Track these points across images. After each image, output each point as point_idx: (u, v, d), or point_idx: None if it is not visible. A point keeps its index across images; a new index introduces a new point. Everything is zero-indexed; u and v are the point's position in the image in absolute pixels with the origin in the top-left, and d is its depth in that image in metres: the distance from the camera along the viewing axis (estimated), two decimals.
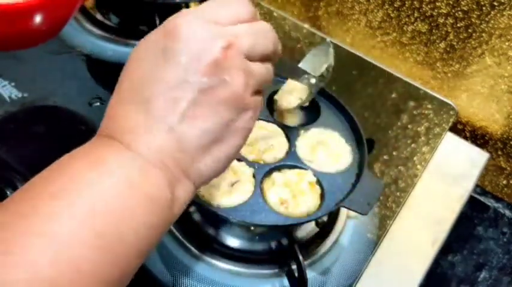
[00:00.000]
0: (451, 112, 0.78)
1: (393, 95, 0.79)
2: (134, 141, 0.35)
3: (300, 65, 0.60)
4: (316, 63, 0.59)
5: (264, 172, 0.55)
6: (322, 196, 0.55)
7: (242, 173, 0.55)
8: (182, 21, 0.36)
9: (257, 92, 0.39)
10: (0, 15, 0.51)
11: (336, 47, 0.84)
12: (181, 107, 0.35)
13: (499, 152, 0.80)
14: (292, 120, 0.62)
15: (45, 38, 0.60)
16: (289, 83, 0.62)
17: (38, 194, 0.32)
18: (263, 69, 0.39)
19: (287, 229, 0.56)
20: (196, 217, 0.60)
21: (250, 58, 0.37)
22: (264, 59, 0.39)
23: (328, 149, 0.59)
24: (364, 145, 0.59)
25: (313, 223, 0.61)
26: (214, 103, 0.35)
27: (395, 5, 0.80)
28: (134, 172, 0.34)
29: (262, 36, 0.39)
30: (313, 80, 0.57)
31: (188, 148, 0.36)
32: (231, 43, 0.36)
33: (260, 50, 0.38)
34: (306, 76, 0.56)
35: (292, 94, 0.62)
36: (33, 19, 0.53)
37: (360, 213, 0.52)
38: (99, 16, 0.82)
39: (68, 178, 0.33)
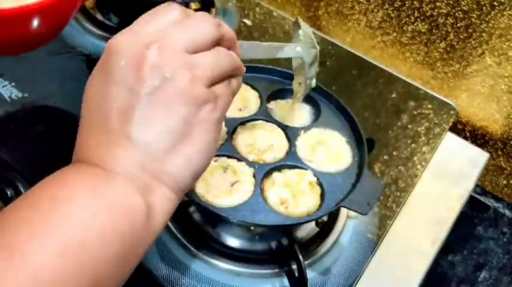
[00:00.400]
0: (451, 112, 0.78)
1: (393, 95, 0.79)
2: (97, 158, 0.36)
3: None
4: (296, 39, 0.57)
5: (264, 172, 0.55)
6: (322, 196, 0.55)
7: (242, 173, 0.55)
8: (113, 39, 0.37)
9: (219, 81, 0.39)
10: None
11: (336, 47, 0.84)
12: (134, 115, 0.35)
13: (499, 152, 0.80)
14: (293, 120, 0.62)
15: (44, 42, 0.60)
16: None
17: (4, 213, 0.33)
18: (212, 58, 0.38)
19: (287, 229, 0.56)
20: (196, 216, 0.60)
21: (194, 51, 0.37)
22: (210, 46, 0.39)
23: (328, 149, 0.59)
24: (364, 145, 0.59)
25: (313, 223, 0.61)
26: (164, 102, 0.36)
27: (395, 5, 0.80)
28: (97, 183, 0.34)
29: (196, 26, 0.38)
30: (298, 48, 0.55)
31: (152, 152, 0.36)
32: (163, 43, 0.36)
33: (199, 39, 0.38)
34: (287, 48, 0.54)
35: (298, 78, 0.61)
36: (32, 23, 0.53)
37: (360, 213, 0.52)
38: (99, 16, 0.82)
39: (34, 196, 0.34)
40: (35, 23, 0.53)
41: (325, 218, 0.62)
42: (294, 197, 0.53)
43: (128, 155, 0.35)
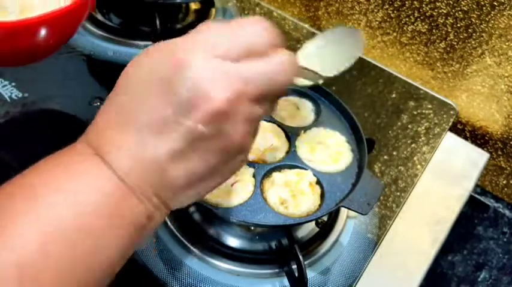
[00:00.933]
0: (451, 112, 0.78)
1: (393, 95, 0.79)
2: (114, 157, 0.33)
3: (307, 47, 0.50)
4: (335, 55, 0.52)
5: (264, 172, 0.55)
6: (322, 196, 0.55)
7: (242, 173, 0.55)
8: (193, 55, 0.32)
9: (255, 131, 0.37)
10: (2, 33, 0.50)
11: None
12: (170, 146, 0.33)
13: (499, 152, 0.80)
14: (293, 120, 0.62)
15: (50, 53, 0.60)
16: None
17: (5, 198, 0.32)
18: (267, 109, 0.36)
19: (287, 229, 0.56)
20: (196, 216, 0.60)
21: (260, 100, 0.34)
22: (273, 98, 0.36)
23: (328, 149, 0.59)
24: (364, 145, 0.59)
25: (313, 223, 0.61)
26: (208, 151, 0.33)
27: (395, 5, 0.80)
28: (108, 193, 0.33)
29: (276, 79, 0.34)
30: (321, 81, 0.48)
31: (171, 183, 0.34)
32: (239, 92, 0.32)
33: (273, 92, 0.35)
34: (317, 75, 0.46)
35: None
36: (37, 36, 0.53)
37: (360, 213, 0.52)
38: (99, 16, 0.82)
39: (36, 190, 0.32)
40: (40, 35, 0.53)
41: (325, 218, 0.62)
42: (294, 197, 0.53)
43: (147, 177, 0.33)
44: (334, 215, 0.62)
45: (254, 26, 0.35)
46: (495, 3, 0.70)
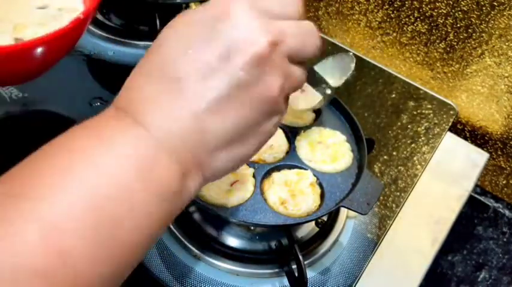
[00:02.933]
0: (451, 112, 0.78)
1: (393, 95, 0.79)
2: (150, 117, 0.32)
3: (316, 68, 0.59)
4: (334, 72, 0.59)
5: (264, 171, 0.55)
6: (322, 196, 0.55)
7: (242, 173, 0.55)
8: (235, 4, 0.34)
9: (287, 98, 0.38)
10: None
11: (336, 47, 0.85)
12: (212, 96, 0.32)
13: (499, 152, 0.80)
14: (293, 120, 0.62)
15: (43, 72, 0.59)
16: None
17: (32, 172, 0.30)
18: (300, 74, 0.37)
19: (287, 229, 0.56)
20: (197, 217, 0.60)
21: (291, 60, 0.36)
22: (303, 62, 0.37)
23: (328, 149, 0.59)
24: (364, 145, 0.59)
25: (313, 223, 0.61)
26: (247, 101, 0.34)
27: (395, 5, 0.80)
28: (144, 155, 0.31)
29: (309, 39, 0.36)
30: (328, 91, 0.56)
31: (209, 140, 0.33)
32: (278, 41, 0.34)
33: (304, 53, 0.36)
34: (324, 86, 0.55)
35: (302, 96, 0.61)
36: (30, 58, 0.52)
37: (360, 213, 0.52)
38: (100, 17, 0.82)
39: (68, 155, 0.31)
40: (37, 57, 0.52)
41: (325, 218, 0.62)
42: (293, 197, 0.53)
43: (185, 133, 0.32)
44: (334, 215, 0.62)
45: None
46: (495, 3, 0.70)
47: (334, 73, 0.59)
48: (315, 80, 0.55)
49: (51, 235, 0.27)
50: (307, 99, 0.62)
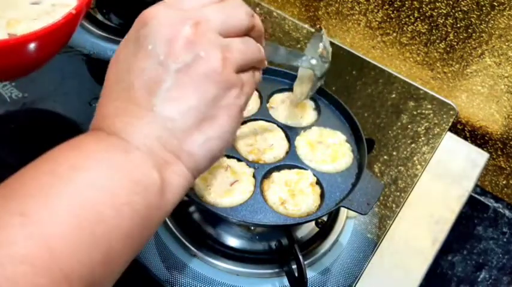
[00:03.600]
0: (451, 112, 0.78)
1: (393, 95, 0.79)
2: (117, 127, 0.35)
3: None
4: (313, 49, 0.58)
5: (264, 172, 0.55)
6: (322, 196, 0.55)
7: (242, 173, 0.55)
8: (150, 10, 0.37)
9: (245, 70, 0.39)
10: None
11: (336, 47, 0.85)
12: (161, 89, 0.35)
13: (499, 152, 0.80)
14: (293, 120, 0.62)
15: (39, 67, 0.60)
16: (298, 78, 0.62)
17: (21, 178, 0.32)
18: (242, 45, 0.38)
19: (287, 229, 0.56)
20: (196, 216, 0.60)
21: (225, 35, 0.37)
22: (240, 33, 0.39)
23: (328, 149, 0.59)
24: (364, 145, 0.59)
25: (313, 223, 0.61)
26: (194, 80, 0.35)
27: (395, 5, 0.80)
28: (115, 155, 0.34)
29: (232, 10, 0.38)
30: (313, 61, 0.55)
31: (174, 128, 0.35)
32: (199, 21, 0.36)
33: (233, 24, 0.38)
34: (304, 58, 0.54)
35: (301, 86, 0.61)
36: (23, 53, 0.53)
37: (360, 213, 0.52)
38: (99, 16, 0.82)
39: (52, 163, 0.33)
40: (30, 51, 0.53)
41: (325, 218, 0.62)
42: (293, 197, 0.53)
43: (149, 128, 0.35)
44: (334, 215, 0.62)
45: None
46: (495, 4, 0.70)
47: (315, 49, 0.57)
48: (297, 56, 0.54)
49: (35, 227, 0.29)
50: (299, 90, 0.62)
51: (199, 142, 0.36)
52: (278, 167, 0.57)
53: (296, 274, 0.55)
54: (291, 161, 0.57)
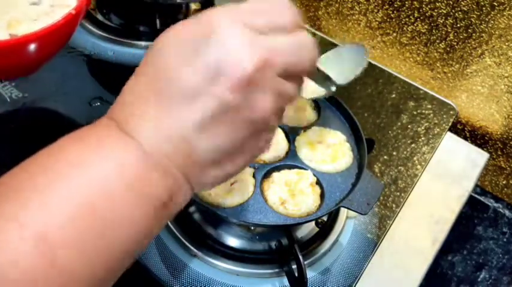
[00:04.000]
0: (451, 112, 0.78)
1: (393, 95, 0.79)
2: (141, 133, 0.32)
3: (321, 61, 0.49)
4: (343, 66, 0.55)
5: (263, 172, 0.55)
6: (322, 196, 0.55)
7: (242, 173, 0.55)
8: (220, 21, 0.32)
9: (281, 112, 0.37)
10: None
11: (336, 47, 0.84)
12: (199, 117, 0.32)
13: (499, 152, 0.80)
14: (293, 120, 0.62)
15: (39, 67, 0.60)
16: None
17: (20, 175, 0.31)
18: (293, 90, 0.36)
19: (287, 229, 0.56)
20: (196, 216, 0.60)
21: (283, 76, 0.34)
22: (296, 77, 0.36)
23: (328, 149, 0.59)
24: (364, 145, 0.59)
25: (313, 223, 0.61)
26: (235, 122, 0.33)
27: (395, 5, 0.80)
28: (132, 167, 0.32)
29: (302, 54, 0.35)
30: (333, 88, 0.48)
31: (197, 159, 0.33)
32: (267, 59, 0.32)
33: (296, 70, 0.35)
34: (328, 83, 0.48)
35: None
36: (24, 53, 0.53)
37: (360, 213, 0.52)
38: (99, 17, 0.82)
39: (55, 159, 0.31)
40: (30, 52, 0.53)
41: (325, 218, 0.62)
42: (293, 197, 0.53)
43: (172, 150, 0.33)
44: (334, 215, 0.62)
45: (277, 4, 0.35)
46: (495, 4, 0.70)
47: (343, 67, 0.55)
48: (319, 78, 0.47)
49: (30, 233, 0.28)
50: (310, 88, 0.61)
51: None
52: (278, 167, 0.57)
53: (296, 274, 0.55)
54: (291, 161, 0.57)
